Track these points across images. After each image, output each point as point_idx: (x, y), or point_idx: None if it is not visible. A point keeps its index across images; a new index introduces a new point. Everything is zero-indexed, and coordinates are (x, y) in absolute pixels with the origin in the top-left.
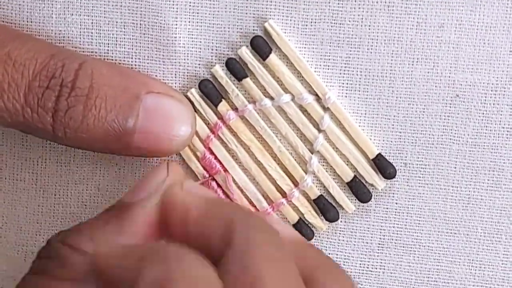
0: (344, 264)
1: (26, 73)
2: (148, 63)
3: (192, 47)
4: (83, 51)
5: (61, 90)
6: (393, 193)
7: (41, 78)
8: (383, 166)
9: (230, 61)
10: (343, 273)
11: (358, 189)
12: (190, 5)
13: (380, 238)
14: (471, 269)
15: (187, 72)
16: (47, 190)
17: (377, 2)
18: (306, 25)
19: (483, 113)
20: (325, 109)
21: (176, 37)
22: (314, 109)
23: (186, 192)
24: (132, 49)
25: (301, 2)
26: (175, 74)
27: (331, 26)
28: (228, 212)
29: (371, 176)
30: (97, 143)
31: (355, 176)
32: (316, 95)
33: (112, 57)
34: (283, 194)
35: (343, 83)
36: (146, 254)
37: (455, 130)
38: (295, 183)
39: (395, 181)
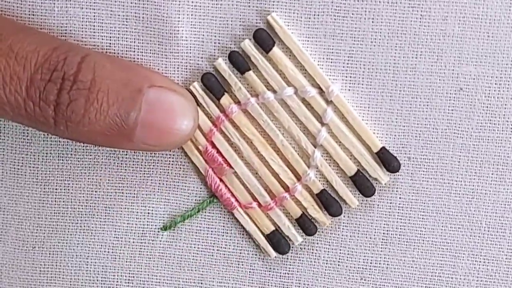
0: (347, 259)
1: (28, 66)
2: (150, 56)
3: (194, 40)
4: (85, 44)
5: (63, 83)
6: (397, 187)
7: (43, 71)
8: (387, 160)
9: (233, 54)
10: None
11: (362, 183)
12: None
13: (383, 233)
14: (475, 264)
15: (190, 66)
16: (48, 185)
17: None
18: (309, 18)
19: (487, 107)
20: (328, 102)
21: (178, 30)
22: (317, 102)
23: None
24: (135, 42)
25: None
26: (178, 68)
27: (335, 19)
28: None
29: (374, 170)
30: (99, 137)
31: (358, 170)
32: (319, 88)
33: (114, 50)
34: (286, 189)
35: (346, 76)
36: None
37: (459, 124)
38: (298, 177)
39: (399, 175)
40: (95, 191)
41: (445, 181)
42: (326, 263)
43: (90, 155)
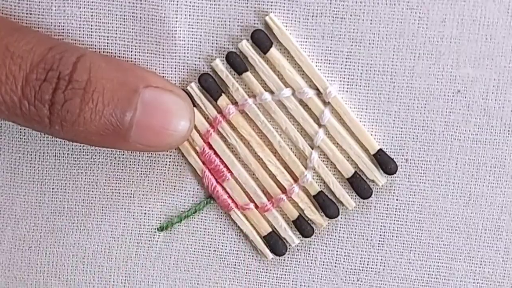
0: (344, 261)
1: (24, 65)
2: (147, 56)
3: (192, 41)
4: (83, 44)
5: (58, 83)
6: (394, 189)
7: (39, 70)
8: (384, 162)
9: (231, 54)
10: None
11: (359, 185)
12: None
13: (380, 235)
14: (471, 266)
15: (187, 66)
16: (45, 184)
17: None
18: (307, 19)
19: (485, 109)
20: (326, 103)
21: (176, 31)
22: (315, 104)
23: None
24: (132, 42)
25: None
26: (175, 68)
27: (333, 20)
28: None
29: (372, 171)
30: (94, 137)
31: (355, 172)
32: (317, 89)
33: (111, 50)
34: (283, 190)
35: (344, 78)
36: None
37: (457, 126)
38: (295, 179)
39: (396, 177)
40: (92, 191)
41: (442, 183)
42: (323, 265)
43: (87, 155)
